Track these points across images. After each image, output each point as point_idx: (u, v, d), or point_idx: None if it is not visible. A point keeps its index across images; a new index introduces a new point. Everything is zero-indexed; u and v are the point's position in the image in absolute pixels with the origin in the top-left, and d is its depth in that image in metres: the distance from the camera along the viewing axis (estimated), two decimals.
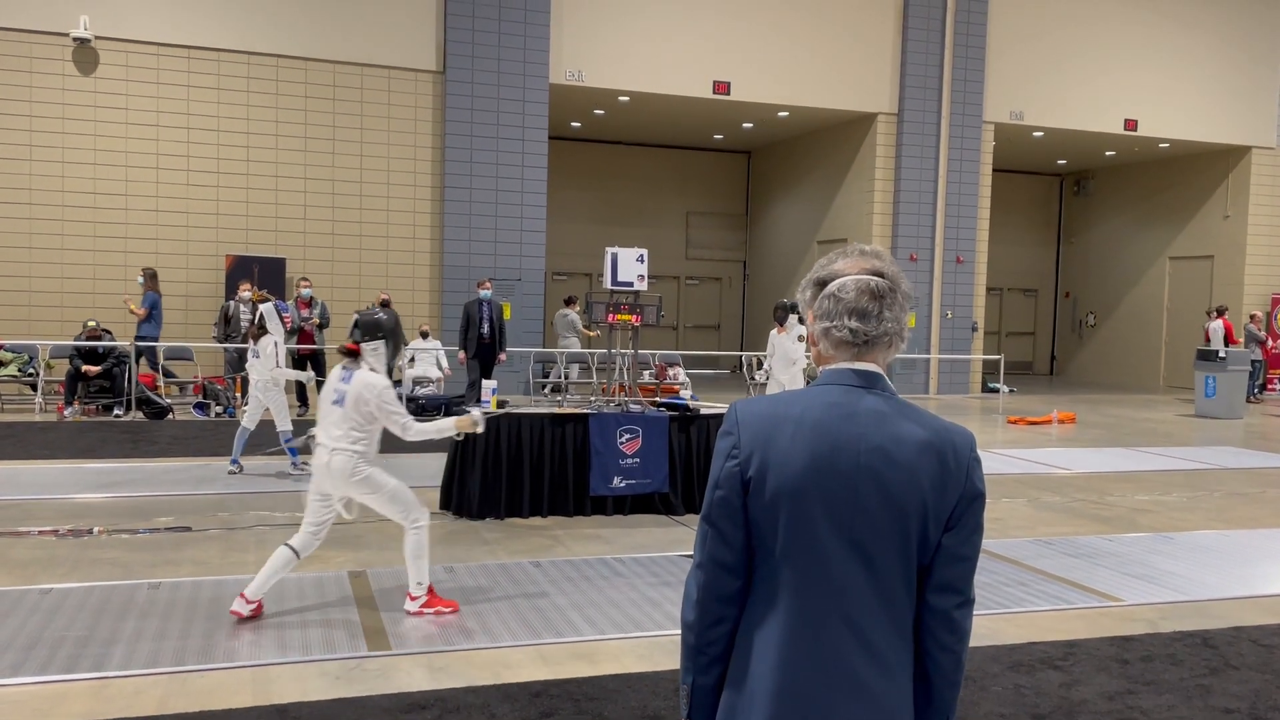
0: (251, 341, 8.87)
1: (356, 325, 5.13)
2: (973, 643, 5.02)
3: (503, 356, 13.38)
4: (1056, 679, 4.58)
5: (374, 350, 5.10)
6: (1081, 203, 24.65)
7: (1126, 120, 19.48)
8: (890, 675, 1.72)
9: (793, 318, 10.71)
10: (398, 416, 4.98)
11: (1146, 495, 9.29)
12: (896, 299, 1.80)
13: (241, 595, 5.02)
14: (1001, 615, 5.52)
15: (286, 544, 5.08)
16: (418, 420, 5.12)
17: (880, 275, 1.81)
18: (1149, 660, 4.87)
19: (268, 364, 8.73)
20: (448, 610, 5.24)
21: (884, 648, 1.72)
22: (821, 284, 1.84)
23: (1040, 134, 19.77)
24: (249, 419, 8.89)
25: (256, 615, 5.06)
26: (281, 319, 9.00)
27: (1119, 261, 23.46)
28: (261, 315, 8.85)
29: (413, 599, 5.20)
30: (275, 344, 8.80)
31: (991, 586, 6.04)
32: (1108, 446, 12.40)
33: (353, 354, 5.09)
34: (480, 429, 5.33)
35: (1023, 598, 5.85)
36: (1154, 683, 4.57)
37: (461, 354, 13.23)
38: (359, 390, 4.97)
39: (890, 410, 1.76)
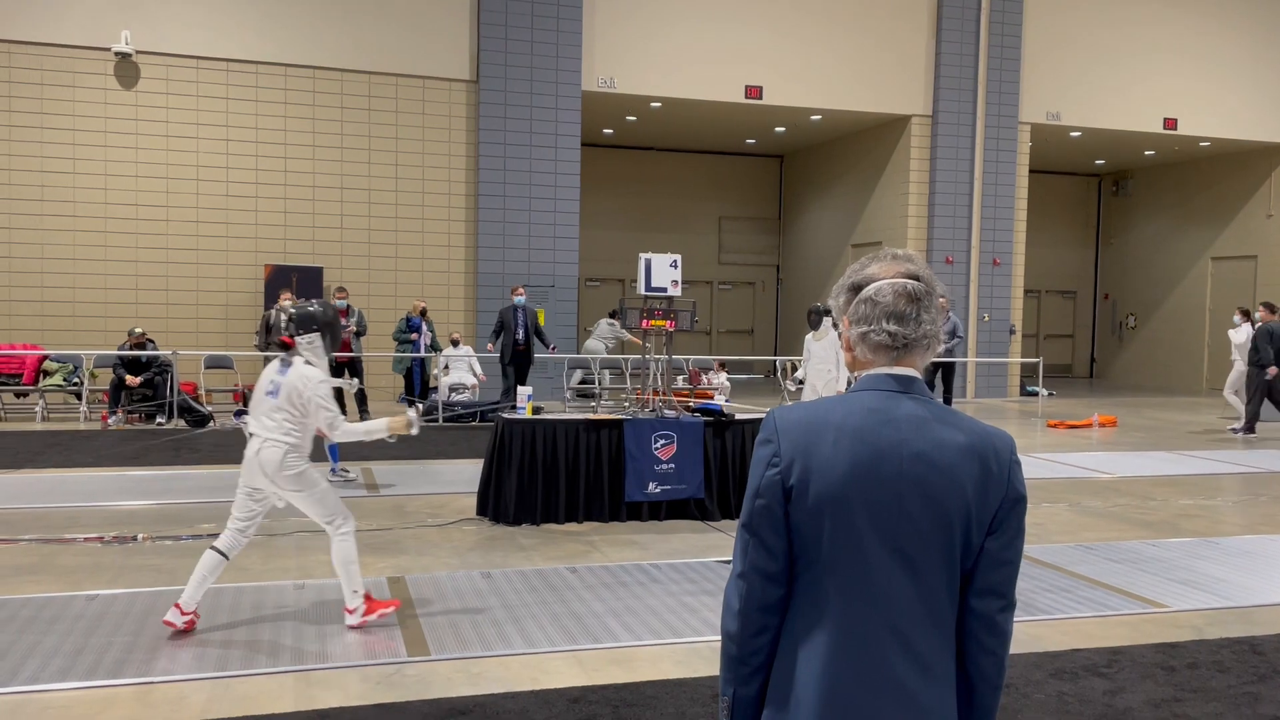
0: None
1: (290, 319, 5.01)
2: (1014, 649, 4.96)
3: (554, 347, 13.72)
4: (1101, 686, 4.52)
5: (309, 343, 4.99)
6: (1120, 203, 24.33)
7: (1166, 119, 19.21)
8: (936, 683, 1.71)
9: (826, 321, 10.59)
10: (328, 413, 4.86)
11: (1190, 499, 9.14)
12: (932, 302, 1.80)
13: (176, 605, 4.89)
14: (1044, 621, 5.45)
15: (212, 547, 4.96)
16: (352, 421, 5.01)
17: (915, 278, 1.81)
18: (1195, 667, 4.78)
19: None
20: (390, 609, 5.12)
21: (929, 655, 1.71)
22: (856, 289, 1.83)
23: (1078, 134, 19.55)
24: None
25: (191, 628, 4.92)
26: None
27: (1159, 262, 23.12)
28: None
29: (350, 611, 5.05)
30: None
31: (1033, 592, 5.97)
32: (1150, 450, 12.22)
33: (287, 347, 4.97)
34: (415, 431, 5.06)
35: (1065, 604, 5.77)
36: (1201, 690, 4.49)
37: (490, 344, 13.65)
38: (294, 382, 4.87)
39: (930, 414, 1.75)
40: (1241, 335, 14.20)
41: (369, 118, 15.53)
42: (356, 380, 9.38)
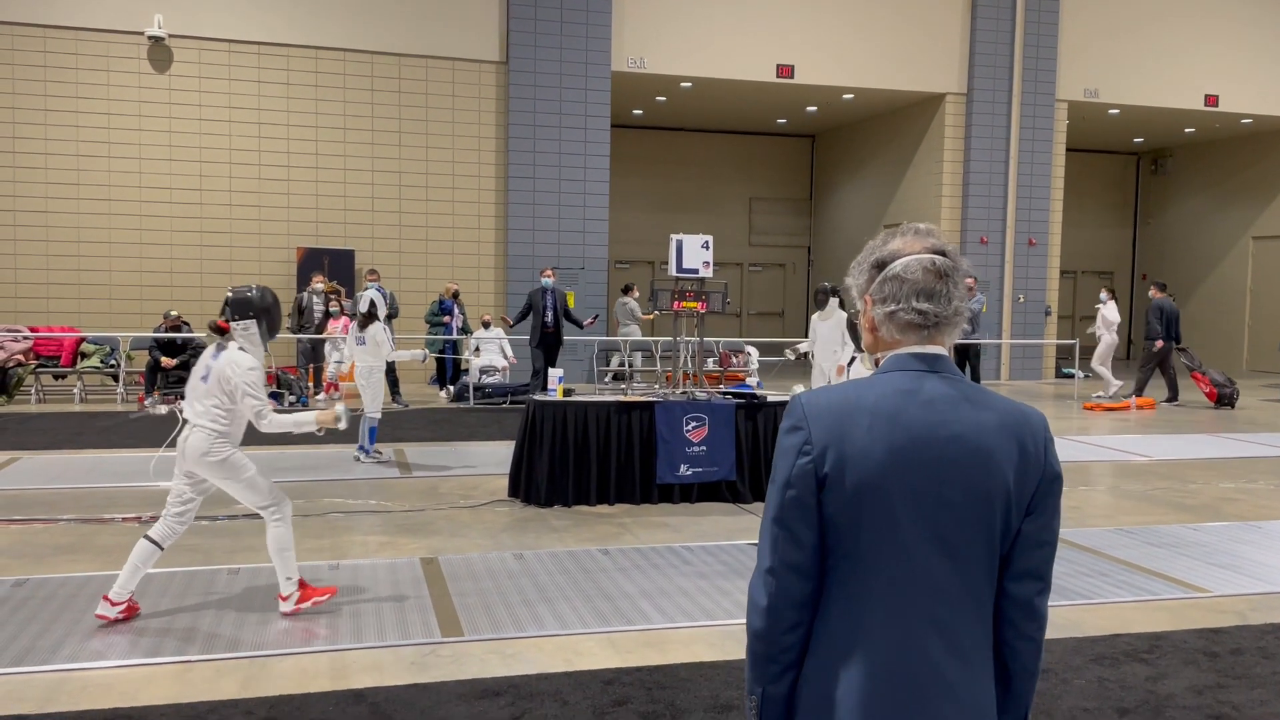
0: (358, 328, 9.02)
1: (226, 303, 4.89)
2: (1053, 634, 4.89)
3: (590, 320, 13.68)
4: (1142, 672, 4.45)
5: (244, 329, 4.84)
6: (1159, 182, 23.91)
7: (1207, 96, 18.82)
8: (976, 672, 1.66)
9: (833, 301, 10.42)
10: (255, 402, 4.74)
11: (1231, 483, 8.98)
12: (960, 278, 1.73)
13: (105, 598, 4.80)
14: (1083, 606, 5.37)
15: (146, 536, 4.86)
16: (279, 412, 4.88)
17: (942, 254, 1.74)
18: (1239, 653, 4.70)
19: (381, 351, 8.92)
20: (324, 596, 5.03)
21: (970, 646, 1.65)
22: (881, 265, 1.75)
23: (1116, 112, 19.20)
24: (371, 408, 9.02)
25: (130, 615, 4.85)
26: (385, 305, 9.26)
27: (1199, 242, 22.72)
28: (372, 302, 9.01)
29: (283, 599, 4.95)
30: (385, 329, 9.00)
31: (1071, 576, 5.89)
32: (1189, 433, 12.03)
33: (222, 332, 4.87)
34: (342, 425, 5.02)
35: (1104, 588, 5.69)
36: (1245, 677, 4.41)
37: (512, 321, 13.39)
38: (224, 368, 4.75)
39: (961, 394, 1.69)
40: (1110, 311, 15.18)
41: (399, 100, 15.54)
42: (426, 351, 9.48)
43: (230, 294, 4.92)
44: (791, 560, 1.67)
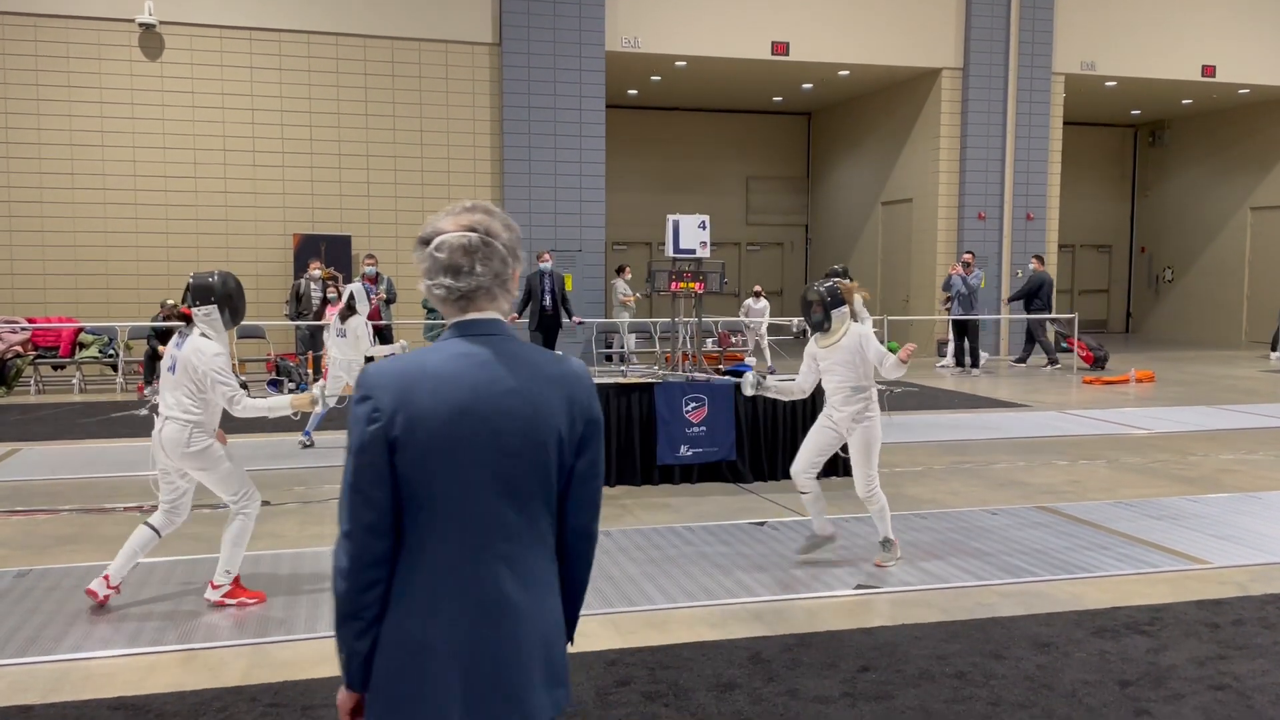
0: (339, 321, 9.02)
1: (188, 289, 4.80)
2: (1054, 608, 4.91)
3: (577, 319, 13.62)
4: (1144, 645, 4.46)
5: (206, 315, 4.72)
6: (1157, 154, 23.83)
7: (1204, 67, 18.72)
8: (543, 596, 1.89)
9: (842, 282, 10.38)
10: (226, 388, 4.64)
11: (1231, 454, 8.99)
12: (493, 252, 1.89)
13: (104, 576, 4.83)
14: (1084, 580, 5.39)
15: (146, 522, 4.88)
16: (253, 397, 4.78)
17: (474, 230, 1.89)
18: (1240, 624, 4.71)
19: (360, 345, 8.92)
20: (252, 601, 4.92)
21: (535, 574, 1.88)
22: (425, 242, 1.92)
23: (1113, 84, 19.11)
24: (330, 395, 9.06)
25: (106, 602, 4.88)
26: (369, 300, 9.28)
27: (1197, 214, 22.66)
28: (352, 295, 9.04)
29: (215, 587, 4.91)
30: (365, 323, 9.01)
31: (1072, 550, 5.90)
32: (1188, 405, 12.04)
33: (186, 319, 4.78)
34: (319, 407, 4.99)
35: (1105, 561, 5.70)
36: (1246, 647, 4.43)
37: (512, 315, 13.31)
38: (188, 356, 4.67)
39: (514, 353, 1.89)
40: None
41: (393, 84, 15.45)
42: (405, 343, 9.51)
43: (192, 279, 4.81)
44: (366, 521, 1.82)
